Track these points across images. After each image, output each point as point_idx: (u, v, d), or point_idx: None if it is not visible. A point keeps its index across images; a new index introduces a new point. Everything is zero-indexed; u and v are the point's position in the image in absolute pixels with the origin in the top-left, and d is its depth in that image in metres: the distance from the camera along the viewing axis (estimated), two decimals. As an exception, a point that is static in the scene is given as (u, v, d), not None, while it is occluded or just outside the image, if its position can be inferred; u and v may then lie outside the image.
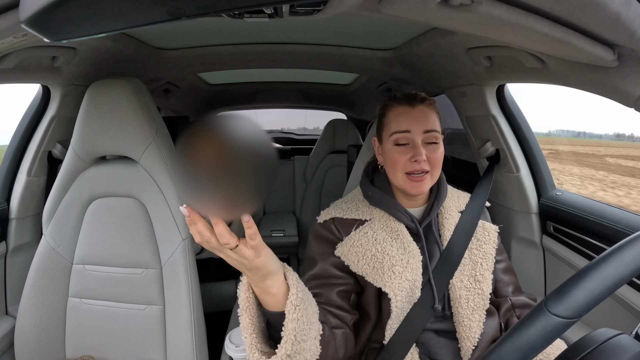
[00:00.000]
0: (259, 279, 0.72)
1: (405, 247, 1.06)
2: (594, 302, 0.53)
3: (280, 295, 0.75)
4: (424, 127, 1.07)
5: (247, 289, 0.76)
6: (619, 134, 26.02)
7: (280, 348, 0.73)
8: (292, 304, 0.74)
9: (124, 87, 1.29)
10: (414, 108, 1.09)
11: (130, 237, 1.34)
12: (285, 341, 0.73)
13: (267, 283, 0.73)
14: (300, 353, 0.76)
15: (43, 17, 0.41)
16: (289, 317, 0.73)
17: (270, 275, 0.72)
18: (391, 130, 1.09)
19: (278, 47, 1.69)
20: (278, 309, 0.76)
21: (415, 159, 1.04)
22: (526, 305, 1.11)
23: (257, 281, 0.73)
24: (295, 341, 0.73)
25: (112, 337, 1.34)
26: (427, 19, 0.77)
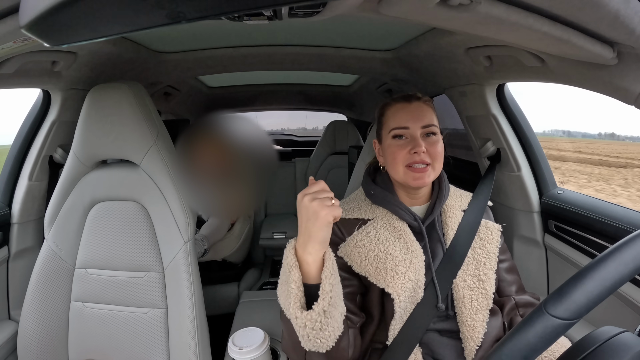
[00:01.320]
0: (313, 239, 0.82)
1: (408, 247, 1.06)
2: (593, 303, 0.53)
3: (314, 266, 0.83)
4: (422, 123, 1.07)
5: (294, 252, 0.85)
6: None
7: (318, 304, 0.81)
8: (328, 270, 0.83)
9: (124, 90, 1.30)
10: (411, 104, 1.10)
11: (132, 241, 1.34)
12: (323, 298, 0.81)
13: (312, 247, 0.82)
14: (331, 318, 0.83)
15: (43, 22, 0.41)
16: (326, 280, 0.82)
17: (321, 243, 0.82)
18: (390, 126, 1.10)
19: (278, 49, 1.69)
20: (309, 280, 0.84)
21: (415, 150, 1.04)
22: (530, 304, 1.10)
23: (308, 241, 0.82)
24: (330, 302, 0.81)
25: (115, 341, 1.34)
26: (427, 19, 0.77)
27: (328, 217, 0.80)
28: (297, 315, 0.82)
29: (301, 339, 0.85)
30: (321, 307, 0.81)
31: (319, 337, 0.84)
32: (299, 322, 0.82)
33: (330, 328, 0.84)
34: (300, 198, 0.82)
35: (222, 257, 2.40)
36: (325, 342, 0.85)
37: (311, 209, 0.80)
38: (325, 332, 0.83)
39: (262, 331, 1.31)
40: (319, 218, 0.79)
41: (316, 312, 0.81)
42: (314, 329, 0.82)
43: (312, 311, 0.81)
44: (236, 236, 2.49)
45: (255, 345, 1.24)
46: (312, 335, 0.83)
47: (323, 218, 0.79)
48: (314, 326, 0.81)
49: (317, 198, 0.80)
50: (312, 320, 0.81)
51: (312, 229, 0.81)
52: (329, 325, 0.83)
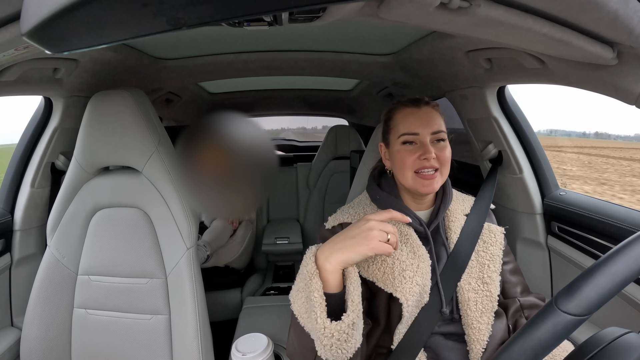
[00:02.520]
0: (342, 257, 0.83)
1: (415, 252, 1.05)
2: (604, 299, 0.53)
3: (333, 275, 0.84)
4: (431, 129, 1.07)
5: (314, 260, 0.86)
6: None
7: (347, 315, 0.81)
8: (355, 281, 0.84)
9: (125, 97, 1.30)
10: (420, 109, 1.10)
11: (135, 247, 1.34)
12: (352, 310, 0.82)
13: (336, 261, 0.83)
14: (356, 330, 0.83)
15: (44, 29, 0.41)
16: (354, 292, 0.83)
17: (345, 263, 0.84)
18: (399, 132, 1.10)
19: (278, 54, 1.70)
20: (327, 289, 0.84)
21: (425, 156, 1.04)
22: (535, 306, 1.10)
23: (335, 254, 0.84)
24: (359, 314, 0.82)
25: (118, 348, 1.34)
26: (426, 23, 0.77)
27: (375, 250, 0.82)
28: (326, 325, 0.81)
29: (322, 348, 0.84)
30: (351, 319, 0.81)
31: (342, 348, 0.83)
32: (327, 332, 0.81)
33: (353, 340, 0.84)
34: (367, 219, 0.85)
35: (225, 263, 2.40)
36: (346, 354, 0.85)
37: (365, 234, 0.82)
38: (349, 343, 0.83)
39: (265, 337, 1.30)
40: (366, 246, 0.82)
41: (346, 323, 0.81)
42: (340, 339, 0.81)
43: (342, 322, 0.81)
44: (239, 242, 2.49)
45: (259, 351, 1.23)
46: (337, 345, 0.82)
47: (369, 248, 0.82)
48: (341, 337, 0.81)
49: (378, 229, 0.83)
50: (340, 331, 0.81)
51: (350, 248, 0.83)
52: (353, 337, 0.83)
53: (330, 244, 0.86)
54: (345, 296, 0.86)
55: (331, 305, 0.84)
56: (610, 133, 27.88)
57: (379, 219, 0.85)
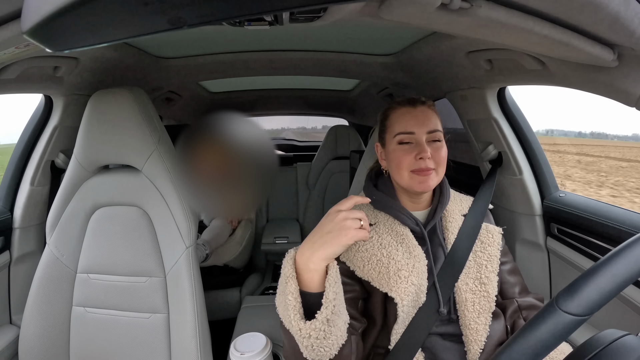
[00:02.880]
0: (324, 252, 0.82)
1: (410, 251, 1.05)
2: (604, 299, 0.53)
3: (316, 275, 0.83)
4: (427, 128, 1.07)
5: (292, 263, 0.85)
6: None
7: (321, 312, 0.80)
8: (332, 279, 0.82)
9: (126, 96, 1.30)
10: (416, 108, 1.10)
11: (134, 246, 1.34)
12: (326, 307, 0.80)
13: (318, 258, 0.82)
14: (334, 326, 0.82)
15: (45, 27, 0.41)
16: (330, 289, 0.81)
17: (328, 258, 0.83)
18: (395, 131, 1.10)
19: (279, 54, 1.70)
20: (311, 289, 0.84)
21: (421, 156, 1.04)
22: (533, 307, 1.10)
23: (316, 252, 0.82)
24: (334, 310, 0.81)
25: (116, 346, 1.34)
26: (427, 23, 0.77)
27: (354, 238, 0.82)
28: (300, 327, 0.81)
29: (304, 349, 0.84)
30: (324, 315, 0.80)
31: (323, 346, 0.83)
32: (303, 333, 0.81)
33: (333, 337, 0.83)
34: (334, 211, 0.85)
35: (224, 262, 2.39)
36: (329, 351, 0.85)
37: (340, 225, 0.82)
38: (329, 340, 0.83)
39: (264, 336, 1.30)
40: (345, 236, 0.81)
41: (319, 320, 0.80)
42: (318, 338, 0.81)
43: (316, 320, 0.80)
44: (238, 241, 2.49)
45: (257, 351, 1.23)
46: (317, 344, 0.82)
47: (349, 237, 0.82)
48: (318, 335, 0.80)
49: (350, 218, 0.83)
50: (316, 329, 0.80)
51: (330, 242, 0.82)
52: (332, 333, 0.82)
53: (309, 244, 0.85)
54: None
55: (312, 304, 0.83)
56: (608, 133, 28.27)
57: (346, 208, 0.85)
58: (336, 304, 0.82)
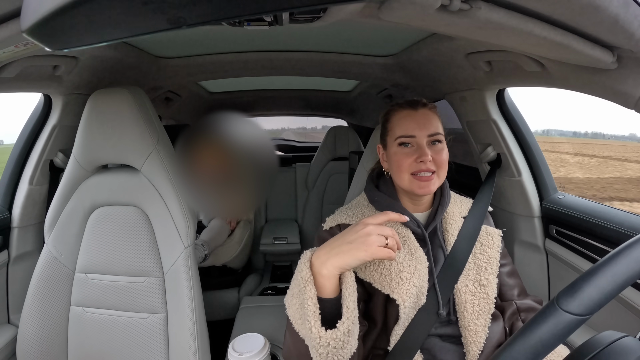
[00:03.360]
0: (340, 262, 0.83)
1: (412, 253, 1.06)
2: (605, 299, 0.53)
3: (329, 281, 0.84)
4: (428, 131, 1.07)
5: (308, 266, 0.86)
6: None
7: (342, 323, 0.80)
8: (351, 287, 0.84)
9: (125, 95, 1.30)
10: (417, 111, 1.10)
11: (133, 246, 1.34)
12: (347, 317, 0.81)
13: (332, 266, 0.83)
14: (352, 336, 0.83)
15: (44, 26, 0.41)
16: (349, 298, 0.82)
17: (343, 268, 0.84)
18: (396, 134, 1.10)
19: (278, 54, 1.70)
20: (322, 294, 0.84)
21: (422, 159, 1.04)
22: (531, 309, 1.10)
23: (332, 259, 0.83)
24: (354, 321, 0.82)
25: (114, 346, 1.33)
26: (427, 24, 0.77)
27: (373, 255, 0.82)
28: (321, 335, 0.80)
29: (317, 355, 0.83)
30: (346, 326, 0.81)
31: (337, 355, 0.82)
32: (322, 341, 0.80)
33: (349, 346, 0.83)
34: (362, 222, 0.86)
35: (223, 262, 2.39)
36: (344, 357, 0.84)
37: (363, 239, 0.82)
38: (345, 350, 0.83)
39: (262, 337, 1.30)
40: (364, 251, 0.82)
41: (341, 331, 0.80)
42: (336, 347, 0.81)
43: (337, 330, 0.80)
44: (236, 242, 2.49)
45: (256, 351, 1.23)
46: (333, 353, 0.81)
47: (367, 254, 0.82)
48: (337, 345, 0.80)
49: (375, 233, 0.83)
50: (335, 339, 0.80)
51: (348, 253, 0.82)
52: (349, 343, 0.83)
53: (327, 249, 0.85)
54: (341, 302, 0.85)
55: (326, 310, 0.83)
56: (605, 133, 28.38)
57: (376, 222, 0.85)
58: (355, 314, 0.82)
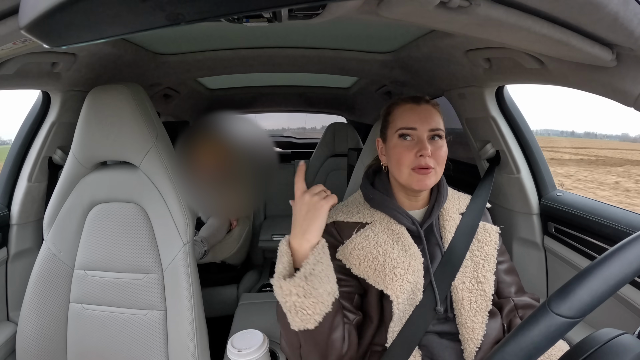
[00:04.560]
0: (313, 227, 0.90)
1: (406, 250, 1.06)
2: (597, 302, 0.53)
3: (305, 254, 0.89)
4: (429, 126, 1.08)
5: (287, 244, 0.92)
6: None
7: (300, 271, 0.86)
8: (318, 250, 0.89)
9: (123, 92, 1.30)
10: (420, 105, 1.10)
11: (132, 243, 1.34)
12: (305, 266, 0.87)
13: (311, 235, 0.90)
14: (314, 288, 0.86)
15: (42, 23, 0.41)
16: (312, 256, 0.88)
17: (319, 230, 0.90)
18: (397, 126, 1.10)
19: (277, 51, 1.69)
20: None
21: (421, 153, 1.04)
22: (529, 306, 1.10)
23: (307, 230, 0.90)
24: (313, 272, 0.86)
25: (113, 343, 1.34)
26: (426, 21, 0.77)
27: (327, 205, 0.90)
28: (281, 284, 0.86)
29: (289, 315, 0.89)
30: (302, 272, 0.85)
31: (304, 307, 0.86)
32: (284, 289, 0.86)
33: (313, 298, 0.86)
34: (300, 195, 0.92)
35: (222, 259, 2.39)
36: (312, 315, 0.88)
37: (312, 203, 0.89)
38: (310, 300, 0.86)
39: (261, 333, 1.31)
40: (321, 208, 0.89)
41: (298, 276, 0.85)
42: (299, 295, 0.85)
43: (295, 276, 0.85)
44: (235, 238, 2.49)
45: (254, 348, 1.24)
46: (298, 303, 0.86)
47: (325, 208, 0.89)
48: (298, 292, 0.85)
49: (314, 194, 0.91)
50: (295, 285, 0.85)
51: (312, 217, 0.89)
52: (312, 294, 0.86)
53: (297, 229, 0.91)
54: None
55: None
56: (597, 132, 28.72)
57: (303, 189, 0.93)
58: (317, 268, 0.87)
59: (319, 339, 0.91)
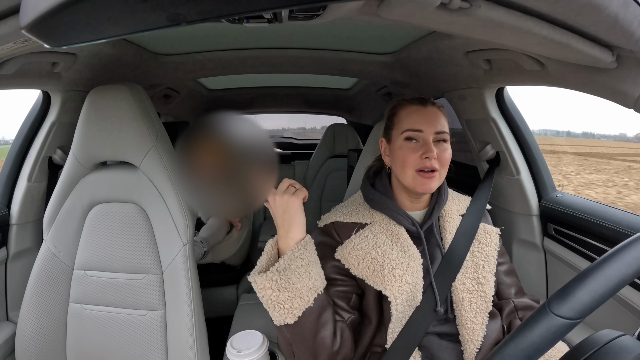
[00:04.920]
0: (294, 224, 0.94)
1: (405, 251, 1.06)
2: (597, 303, 0.53)
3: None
4: (435, 128, 1.08)
5: (273, 244, 0.98)
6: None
7: (274, 265, 0.91)
8: (298, 246, 0.94)
9: (124, 92, 1.30)
10: (426, 108, 1.10)
11: (131, 243, 1.34)
12: (280, 261, 0.92)
13: (295, 232, 0.95)
14: (289, 282, 0.90)
15: (43, 23, 0.41)
16: (290, 252, 0.93)
17: (301, 225, 0.95)
18: (403, 127, 1.10)
19: (278, 52, 1.69)
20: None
21: (427, 155, 1.04)
22: (529, 307, 1.10)
23: (289, 229, 0.95)
24: (288, 267, 0.91)
25: (113, 343, 1.34)
26: (426, 22, 0.77)
27: (297, 201, 0.94)
28: (255, 279, 0.91)
29: (268, 310, 0.93)
30: (275, 267, 0.90)
31: (280, 302, 0.90)
32: (259, 284, 0.90)
33: (288, 292, 0.89)
34: (272, 199, 0.96)
35: (221, 259, 2.39)
36: (289, 310, 0.91)
37: (284, 202, 0.94)
38: (284, 294, 0.90)
39: (260, 334, 1.30)
40: (294, 204, 0.93)
41: (271, 271, 0.90)
42: (272, 289, 0.89)
43: (269, 272, 0.90)
44: (235, 239, 2.48)
45: (254, 348, 1.23)
46: (273, 297, 0.90)
47: (295, 204, 0.94)
48: (272, 286, 0.89)
49: (282, 193, 0.95)
50: (268, 279, 0.89)
51: (290, 216, 0.94)
52: (286, 289, 0.90)
53: (280, 229, 0.96)
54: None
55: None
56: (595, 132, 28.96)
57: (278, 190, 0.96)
58: (294, 263, 0.92)
59: (305, 335, 0.94)
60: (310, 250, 0.96)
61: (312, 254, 0.97)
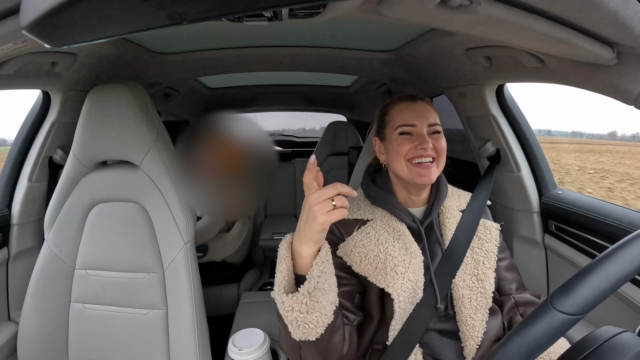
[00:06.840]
0: (309, 239, 0.82)
1: (407, 248, 1.06)
2: (599, 299, 0.53)
3: (308, 258, 0.84)
4: (428, 121, 1.09)
5: (287, 246, 0.87)
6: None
7: (304, 286, 0.82)
8: (321, 258, 0.84)
9: (124, 91, 1.30)
10: (416, 103, 1.12)
11: (132, 242, 1.34)
12: (309, 281, 0.82)
13: (307, 245, 0.83)
14: (317, 302, 0.84)
15: (43, 23, 0.41)
16: (316, 266, 0.83)
17: (316, 242, 0.83)
18: (397, 124, 1.10)
19: (278, 50, 1.69)
20: (303, 272, 0.85)
21: (422, 146, 1.05)
22: (530, 303, 1.10)
23: (304, 239, 0.83)
24: (317, 286, 0.83)
25: (115, 342, 1.34)
26: (426, 20, 0.77)
27: (324, 224, 0.79)
28: (283, 300, 0.83)
29: (290, 327, 0.87)
30: (306, 288, 0.82)
31: (307, 322, 0.84)
32: (286, 305, 0.83)
33: (317, 313, 0.84)
34: (306, 200, 0.82)
35: (222, 258, 2.40)
36: (314, 329, 0.86)
37: (312, 213, 0.79)
38: (312, 315, 0.84)
39: (262, 332, 1.31)
40: (316, 223, 0.79)
41: (301, 293, 0.82)
42: (301, 311, 0.83)
43: (298, 293, 0.82)
44: (236, 237, 2.49)
45: (256, 346, 1.24)
46: (300, 319, 0.84)
47: (319, 224, 0.79)
48: (301, 308, 0.83)
49: (317, 203, 0.79)
50: (298, 302, 0.82)
51: (308, 230, 0.81)
52: (315, 309, 0.84)
53: (297, 233, 0.85)
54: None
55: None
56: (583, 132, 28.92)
57: (318, 196, 0.80)
58: (321, 280, 0.83)
59: (320, 346, 0.91)
60: (330, 260, 0.88)
61: (330, 263, 0.89)
